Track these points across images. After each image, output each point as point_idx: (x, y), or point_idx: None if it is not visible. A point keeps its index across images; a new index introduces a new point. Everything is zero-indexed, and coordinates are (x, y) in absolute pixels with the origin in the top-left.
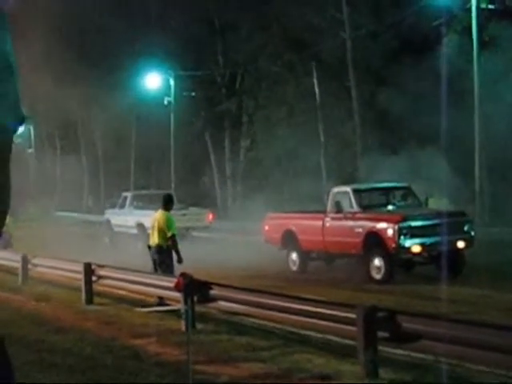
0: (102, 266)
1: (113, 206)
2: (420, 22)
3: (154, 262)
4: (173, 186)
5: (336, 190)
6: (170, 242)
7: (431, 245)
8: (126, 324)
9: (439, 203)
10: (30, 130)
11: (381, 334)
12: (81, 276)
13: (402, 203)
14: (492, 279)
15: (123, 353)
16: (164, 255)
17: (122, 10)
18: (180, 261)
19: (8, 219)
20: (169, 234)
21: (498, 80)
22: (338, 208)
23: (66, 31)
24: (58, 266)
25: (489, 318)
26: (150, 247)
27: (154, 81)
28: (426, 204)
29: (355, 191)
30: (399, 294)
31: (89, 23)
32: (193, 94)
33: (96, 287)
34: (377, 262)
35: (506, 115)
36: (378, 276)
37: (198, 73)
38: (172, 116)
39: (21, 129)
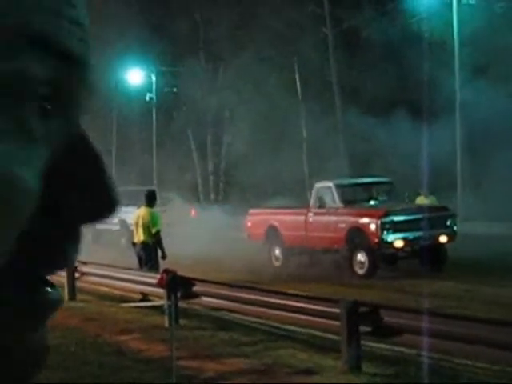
0: (84, 263)
1: None
2: (401, 16)
3: (140, 258)
4: (155, 182)
5: (319, 185)
6: (154, 239)
7: (414, 239)
8: (109, 320)
9: (427, 200)
10: None
11: (364, 328)
12: (63, 273)
13: (385, 198)
14: (475, 273)
15: (107, 349)
16: (150, 252)
17: (102, 6)
18: (164, 257)
19: None
20: (153, 231)
21: (478, 75)
22: (321, 203)
23: None
24: None
25: (472, 311)
26: (134, 244)
27: (135, 77)
28: (408, 199)
29: (338, 186)
30: (382, 289)
31: None
32: (174, 89)
33: (79, 284)
34: (360, 256)
35: (487, 110)
36: (360, 271)
37: (179, 68)
38: (154, 112)
39: None
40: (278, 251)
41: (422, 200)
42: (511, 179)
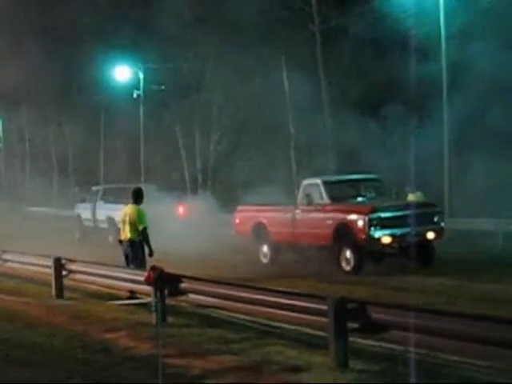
0: (72, 261)
1: (83, 201)
2: (388, 13)
3: (127, 256)
4: (143, 179)
5: (306, 182)
6: (141, 236)
7: (401, 236)
8: (96, 318)
9: (413, 196)
10: None
11: (351, 324)
12: (51, 271)
13: (373, 195)
14: (462, 269)
15: (94, 347)
16: (137, 249)
17: (90, 3)
18: (151, 254)
19: None
20: (140, 228)
21: (465, 71)
22: (309, 200)
23: (34, 22)
24: (28, 261)
25: (459, 307)
26: (121, 242)
27: (122, 74)
28: (396, 195)
29: (325, 183)
30: (369, 285)
31: (57, 15)
32: (162, 87)
33: (66, 282)
34: (347, 253)
35: (473, 106)
36: (348, 267)
37: (167, 65)
38: (141, 109)
39: None
40: (265, 248)
41: (410, 197)
42: (498, 175)
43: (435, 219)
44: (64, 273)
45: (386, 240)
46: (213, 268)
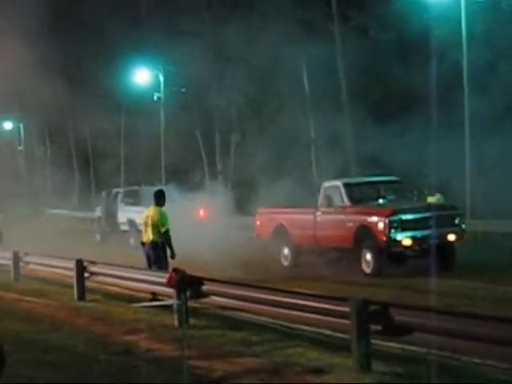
0: (93, 263)
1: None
2: (409, 15)
3: (148, 258)
4: (163, 181)
5: (327, 184)
6: (163, 238)
7: (422, 238)
8: (118, 320)
9: (433, 198)
10: (19, 127)
11: (373, 327)
12: (73, 273)
13: (393, 197)
14: (484, 271)
15: (116, 349)
16: (159, 251)
17: (109, 5)
18: (173, 256)
19: None
20: (162, 230)
21: (486, 72)
22: (329, 202)
23: (53, 26)
24: (50, 263)
25: (481, 310)
26: (143, 243)
27: (143, 76)
28: (417, 198)
29: (346, 185)
30: (391, 287)
31: (76, 18)
32: (183, 89)
33: (88, 284)
34: (368, 255)
35: (494, 107)
36: (368, 269)
37: (187, 68)
38: (162, 112)
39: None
40: (286, 250)
41: (429, 199)
42: None
43: (456, 221)
44: (86, 275)
45: (407, 242)
46: (234, 270)
